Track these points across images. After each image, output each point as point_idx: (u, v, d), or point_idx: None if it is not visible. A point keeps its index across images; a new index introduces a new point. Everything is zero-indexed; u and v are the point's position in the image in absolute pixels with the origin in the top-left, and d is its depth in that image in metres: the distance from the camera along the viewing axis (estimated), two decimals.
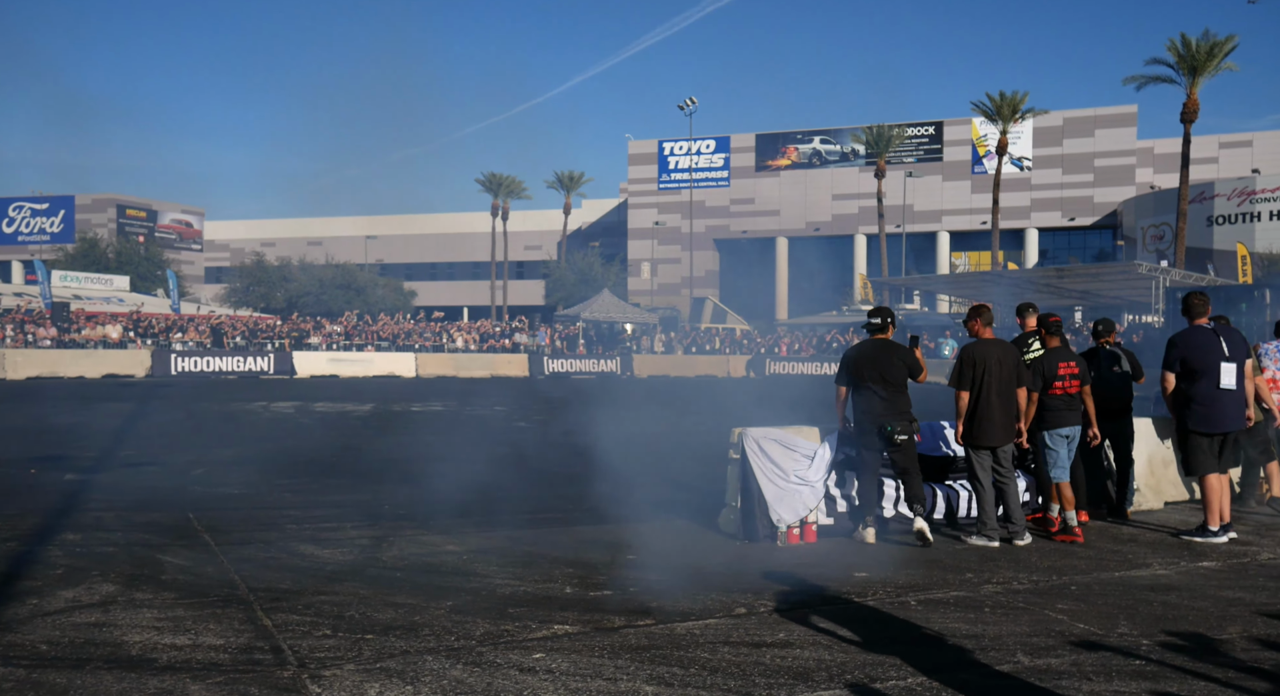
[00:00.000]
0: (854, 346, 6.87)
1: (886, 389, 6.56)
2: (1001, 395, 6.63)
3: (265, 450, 11.76)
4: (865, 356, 6.68)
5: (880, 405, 6.55)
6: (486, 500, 8.25)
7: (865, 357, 6.67)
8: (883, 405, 6.55)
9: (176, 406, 17.89)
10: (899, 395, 6.61)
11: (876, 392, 6.58)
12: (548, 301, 64.82)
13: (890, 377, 6.58)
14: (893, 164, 55.61)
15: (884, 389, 6.56)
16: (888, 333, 6.76)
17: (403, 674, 4.02)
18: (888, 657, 4.28)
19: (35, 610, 4.79)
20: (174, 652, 4.21)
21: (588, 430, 14.73)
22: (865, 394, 6.63)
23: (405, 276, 68.38)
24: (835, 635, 4.61)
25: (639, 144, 64.28)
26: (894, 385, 6.59)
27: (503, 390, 25.20)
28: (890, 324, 6.80)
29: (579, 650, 4.36)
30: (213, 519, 7.19)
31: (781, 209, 60.95)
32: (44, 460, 10.11)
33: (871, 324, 6.81)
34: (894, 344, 6.70)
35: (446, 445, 12.70)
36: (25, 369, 26.76)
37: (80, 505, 7.65)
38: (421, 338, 37.79)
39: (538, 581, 5.58)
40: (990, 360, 6.65)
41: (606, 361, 36.78)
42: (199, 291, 64.90)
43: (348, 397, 20.99)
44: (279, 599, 5.10)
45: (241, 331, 36.45)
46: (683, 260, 60.86)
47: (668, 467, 10.58)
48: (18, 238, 71.44)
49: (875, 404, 6.57)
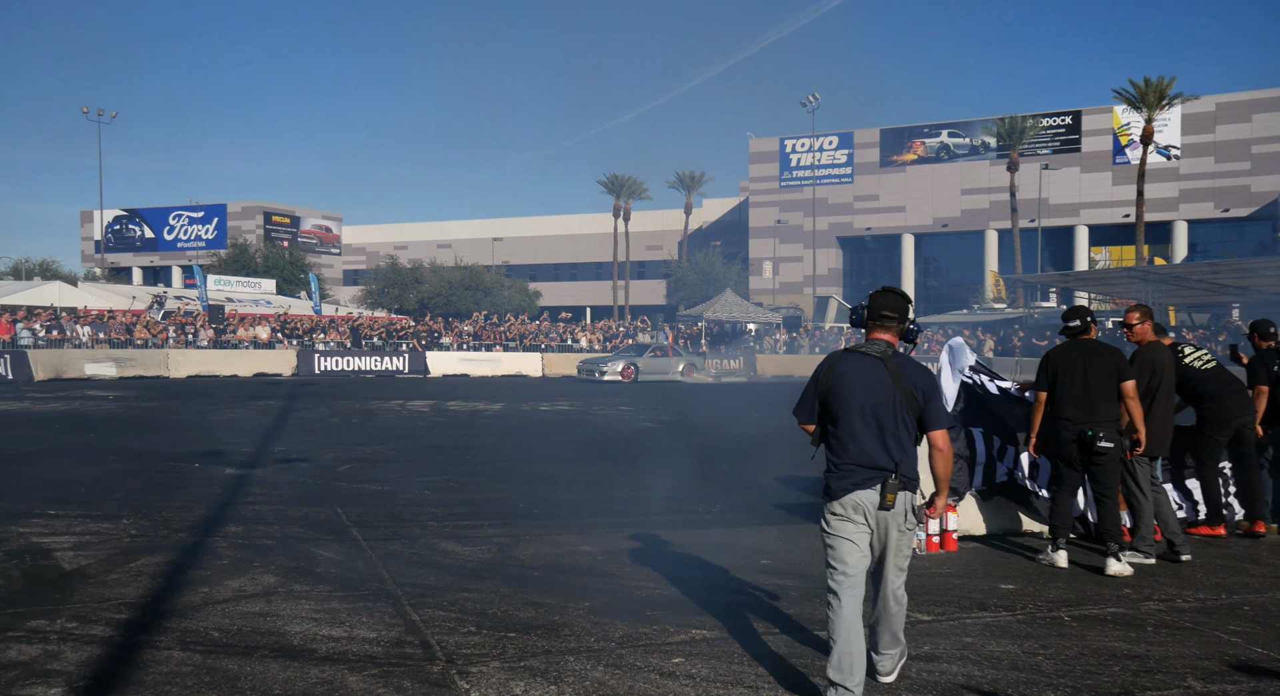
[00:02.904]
0: (1056, 348, 6.29)
1: (1090, 394, 5.95)
2: (1167, 402, 6.36)
3: (404, 448, 12.22)
4: (1069, 358, 6.06)
5: (1083, 412, 5.95)
6: (616, 501, 8.34)
7: (1069, 359, 6.06)
8: (1085, 412, 5.94)
9: (321, 404, 18.80)
10: (1106, 402, 5.94)
11: (1077, 398, 5.97)
12: (669, 301, 65.09)
13: (1095, 381, 5.95)
14: (1026, 156, 53.38)
15: (1087, 394, 5.96)
16: (1090, 333, 6.17)
17: (546, 673, 4.10)
18: (1042, 677, 4.10)
19: (206, 598, 5.11)
20: (332, 644, 4.41)
21: (715, 431, 14.74)
22: (1065, 399, 6.01)
23: (530, 277, 69.94)
24: (984, 651, 4.45)
25: (760, 142, 63.78)
26: (1099, 390, 5.94)
27: (628, 389, 25.45)
28: (1092, 323, 6.18)
29: (718, 656, 4.35)
30: (359, 514, 7.51)
31: (907, 205, 59.38)
32: (205, 455, 10.79)
33: (1071, 327, 6.16)
34: (1101, 345, 6.12)
35: (575, 445, 12.90)
36: (185, 368, 28.65)
37: (239, 498, 8.12)
38: (547, 338, 38.56)
39: (673, 584, 5.60)
40: (1166, 368, 6.44)
41: (730, 361, 36.68)
42: (338, 293, 68.00)
43: (479, 397, 21.61)
44: (424, 594, 5.28)
45: (378, 332, 38.01)
46: (805, 258, 60.04)
47: (797, 470, 10.46)
48: (177, 244, 76.63)
49: (1077, 410, 5.97)
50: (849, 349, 3.97)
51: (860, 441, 3.80)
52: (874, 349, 3.90)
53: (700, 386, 28.63)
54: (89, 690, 3.82)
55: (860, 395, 3.83)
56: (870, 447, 3.79)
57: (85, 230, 79.72)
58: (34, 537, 6.46)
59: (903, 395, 3.81)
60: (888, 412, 3.80)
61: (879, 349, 3.90)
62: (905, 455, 3.79)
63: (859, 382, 3.84)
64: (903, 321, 3.97)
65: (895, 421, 3.80)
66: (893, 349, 3.93)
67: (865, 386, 3.83)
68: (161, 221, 77.55)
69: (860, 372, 3.86)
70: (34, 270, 63.08)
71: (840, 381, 3.88)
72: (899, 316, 3.95)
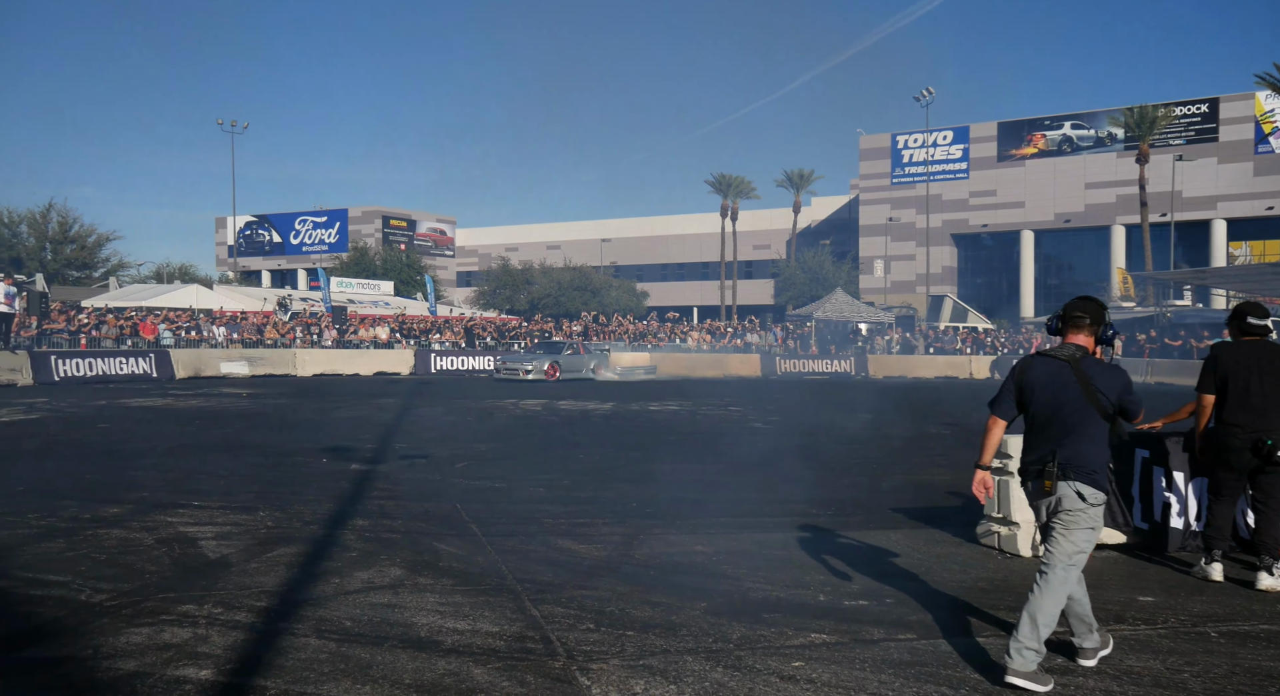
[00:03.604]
0: (1223, 347, 5.87)
1: (1266, 399, 5.57)
2: None
3: (518, 446, 12.47)
4: (1242, 359, 5.65)
5: (1258, 419, 5.55)
6: (729, 501, 8.30)
7: (1242, 361, 5.65)
8: (1261, 419, 5.54)
9: (437, 403, 19.37)
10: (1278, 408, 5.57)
11: (1253, 404, 5.57)
12: (776, 301, 64.52)
13: (1272, 386, 5.56)
14: (1157, 147, 50.71)
15: (1264, 400, 5.57)
16: (1269, 333, 5.76)
17: (665, 672, 4.11)
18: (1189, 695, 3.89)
19: (338, 589, 5.32)
20: (457, 636, 4.53)
21: (827, 432, 14.52)
22: (1237, 404, 5.63)
23: (637, 277, 70.38)
24: (1123, 666, 4.24)
25: (871, 138, 62.54)
26: (1277, 396, 5.56)
27: (736, 389, 25.33)
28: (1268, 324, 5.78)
29: (839, 661, 4.28)
30: (477, 511, 7.69)
31: (1026, 200, 57.24)
32: (333, 451, 11.25)
33: (1256, 327, 5.71)
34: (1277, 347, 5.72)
35: (685, 445, 12.91)
36: (311, 366, 29.95)
37: (365, 493, 8.43)
38: (655, 338, 38.72)
39: (789, 587, 5.54)
40: None
41: (840, 361, 36.09)
42: (452, 294, 69.93)
43: (589, 396, 21.86)
44: (543, 591, 5.37)
45: (490, 332, 38.90)
46: (918, 256, 58.57)
47: (914, 473, 10.21)
48: (302, 248, 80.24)
49: (1252, 417, 5.57)
50: (1040, 352, 4.28)
51: (1040, 437, 4.19)
52: (1063, 352, 4.19)
53: (813, 384, 28.27)
54: (235, 672, 4.02)
55: (1043, 395, 4.16)
56: (1046, 444, 4.15)
57: (219, 235, 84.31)
58: (181, 527, 6.86)
59: (1087, 395, 4.07)
60: (1069, 412, 4.10)
61: (1068, 352, 4.18)
62: (1079, 450, 4.07)
63: (1043, 384, 4.17)
64: (1096, 324, 4.23)
65: (1077, 420, 4.09)
66: (1083, 352, 4.18)
67: (1048, 387, 4.16)
68: (288, 226, 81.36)
69: (1046, 374, 4.18)
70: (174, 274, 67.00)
71: (1029, 383, 4.22)
72: (1091, 319, 4.22)
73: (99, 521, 7.02)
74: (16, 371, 22.41)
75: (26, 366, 22.76)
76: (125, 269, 60.46)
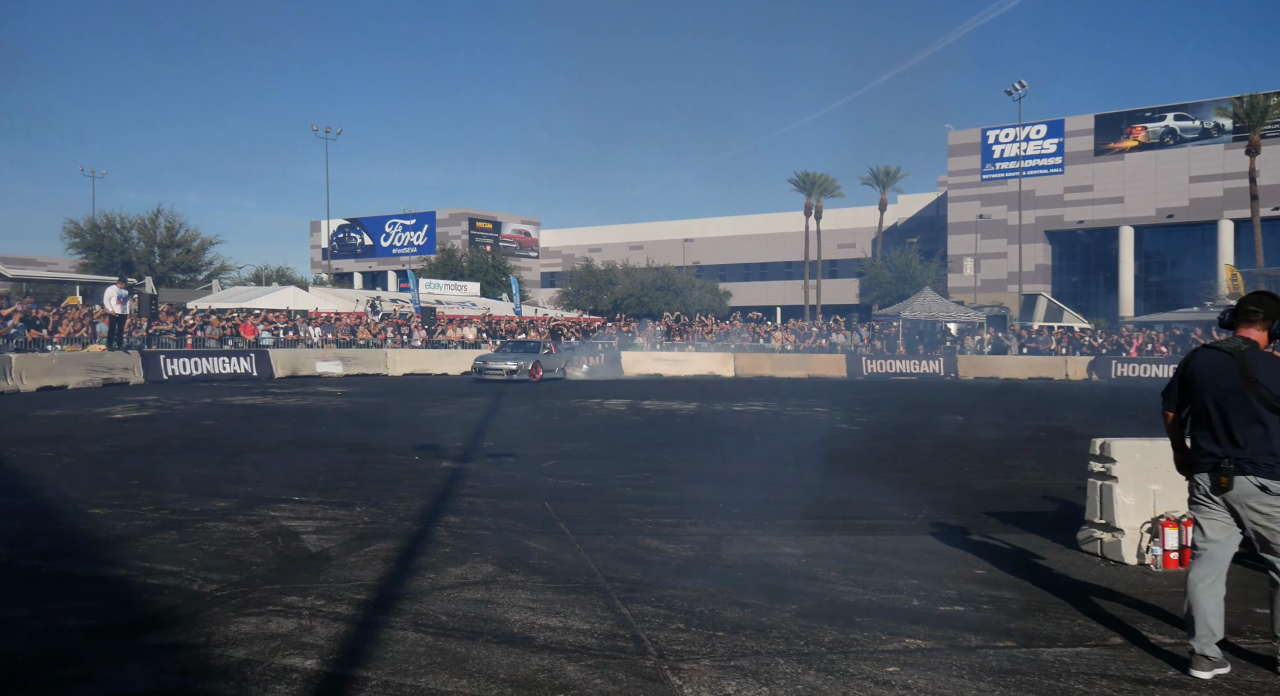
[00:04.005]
0: None
1: None
2: None
3: (604, 445, 12.56)
4: None
5: None
6: (819, 503, 8.21)
7: None
8: None
9: (523, 402, 19.64)
10: None
11: None
12: (862, 300, 63.54)
13: None
14: (1269, 138, 48.27)
15: None
16: None
17: (756, 674, 4.09)
18: None
19: (433, 584, 5.45)
20: (549, 633, 4.59)
21: (916, 433, 14.24)
22: None
23: (720, 277, 70.14)
24: (1241, 681, 4.05)
25: (960, 134, 61.06)
26: None
27: (821, 390, 25.03)
28: None
29: (935, 667, 4.19)
30: (566, 509, 7.78)
31: (1126, 195, 55.11)
32: (424, 448, 11.52)
33: None
34: None
35: (772, 446, 12.82)
36: (402, 366, 30.71)
37: (456, 491, 8.61)
38: (739, 338, 38.53)
39: (881, 591, 5.46)
40: None
41: (928, 362, 35.33)
42: (536, 295, 70.82)
43: (673, 396, 21.88)
44: (633, 589, 5.40)
45: (575, 332, 39.25)
46: (1009, 254, 56.92)
47: (1007, 477, 9.94)
48: (392, 250, 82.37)
49: None
50: (1206, 344, 4.27)
51: (1204, 429, 4.16)
52: (1228, 344, 4.17)
53: (901, 384, 27.75)
54: (338, 663, 4.15)
55: (1206, 387, 4.15)
56: (1210, 435, 4.13)
57: (313, 238, 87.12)
58: (283, 521, 7.11)
59: (1247, 387, 4.00)
60: (1231, 404, 4.05)
61: (1233, 344, 4.15)
62: (1249, 443, 3.99)
63: (1206, 375, 4.16)
64: (1270, 319, 4.16)
65: (1239, 412, 4.02)
66: (1250, 345, 4.12)
67: (1211, 378, 4.14)
68: (378, 229, 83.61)
69: (1209, 366, 4.17)
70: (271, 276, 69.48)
71: (1192, 375, 4.23)
72: (1265, 313, 4.15)
73: (207, 514, 7.33)
74: (129, 370, 23.56)
75: (138, 366, 23.90)
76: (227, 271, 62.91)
